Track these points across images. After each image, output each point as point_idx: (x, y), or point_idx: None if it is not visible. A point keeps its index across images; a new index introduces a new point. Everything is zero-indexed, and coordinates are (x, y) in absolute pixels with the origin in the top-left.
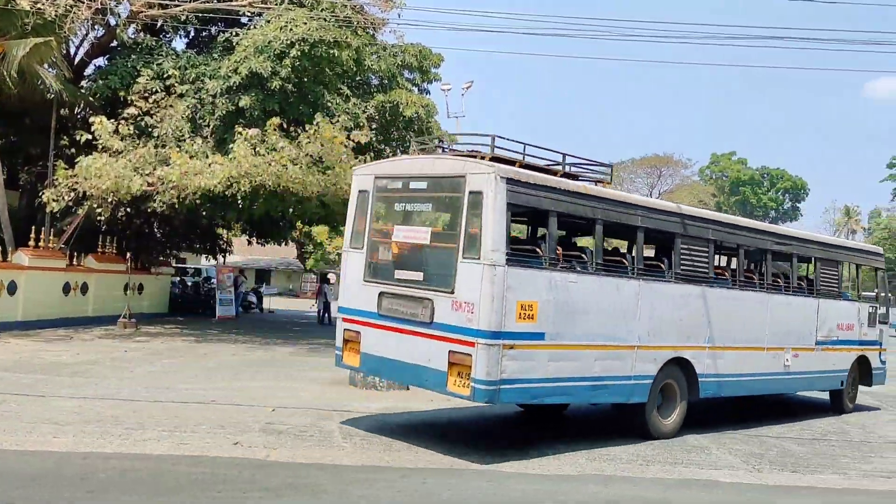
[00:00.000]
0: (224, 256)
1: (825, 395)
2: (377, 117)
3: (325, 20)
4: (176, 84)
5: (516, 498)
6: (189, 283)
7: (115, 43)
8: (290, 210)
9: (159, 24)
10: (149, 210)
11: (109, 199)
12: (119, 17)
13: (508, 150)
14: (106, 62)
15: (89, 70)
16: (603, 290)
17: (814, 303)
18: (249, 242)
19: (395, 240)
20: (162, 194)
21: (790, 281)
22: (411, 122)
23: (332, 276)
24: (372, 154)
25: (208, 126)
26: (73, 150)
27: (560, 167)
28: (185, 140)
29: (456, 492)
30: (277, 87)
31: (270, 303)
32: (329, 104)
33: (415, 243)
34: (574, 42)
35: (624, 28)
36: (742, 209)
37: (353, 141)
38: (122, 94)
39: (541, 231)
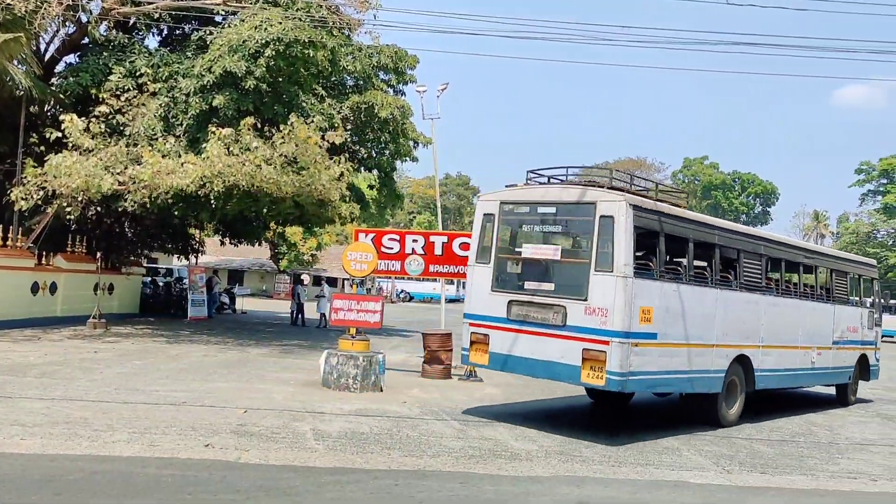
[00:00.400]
0: (196, 257)
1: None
2: (352, 118)
3: (300, 20)
4: (148, 82)
5: (489, 499)
6: (161, 284)
7: (86, 40)
8: (264, 210)
9: (132, 21)
10: (120, 209)
11: (79, 198)
12: (91, 13)
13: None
14: (77, 59)
15: (60, 67)
16: (694, 297)
17: (831, 308)
18: (222, 243)
19: (524, 256)
20: (133, 194)
21: (815, 289)
22: (386, 123)
23: (305, 277)
24: (346, 155)
25: (181, 125)
26: (42, 148)
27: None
28: (157, 139)
29: (429, 493)
30: (252, 86)
31: (243, 303)
32: (304, 104)
33: (545, 259)
34: (549, 46)
35: (597, 32)
36: (714, 213)
37: (327, 141)
38: (93, 91)
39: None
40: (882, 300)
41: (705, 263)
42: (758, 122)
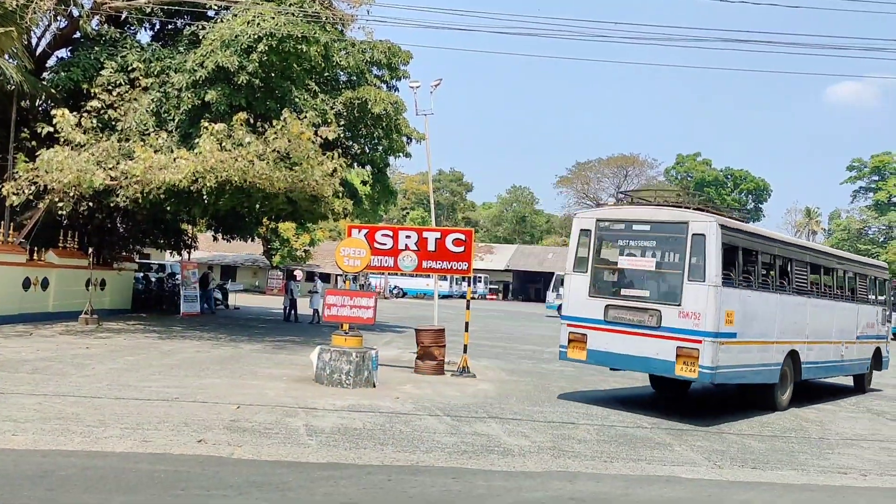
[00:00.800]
0: (189, 252)
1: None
2: (345, 113)
3: (293, 15)
4: (140, 77)
5: (481, 494)
6: (153, 280)
7: (78, 34)
8: (257, 206)
9: (124, 15)
10: (112, 205)
11: (71, 193)
12: (82, 8)
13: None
14: (69, 54)
15: (51, 62)
16: (761, 301)
17: (855, 307)
18: (215, 238)
19: (620, 266)
20: (125, 189)
21: (843, 291)
22: (379, 118)
23: (298, 273)
24: (339, 150)
25: (173, 120)
26: (34, 143)
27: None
28: (149, 134)
29: (422, 489)
30: (244, 81)
31: (236, 299)
32: (297, 100)
33: (640, 269)
34: (543, 42)
35: (591, 29)
36: None
37: (320, 137)
38: (84, 86)
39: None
40: (892, 298)
41: (767, 271)
42: (750, 118)
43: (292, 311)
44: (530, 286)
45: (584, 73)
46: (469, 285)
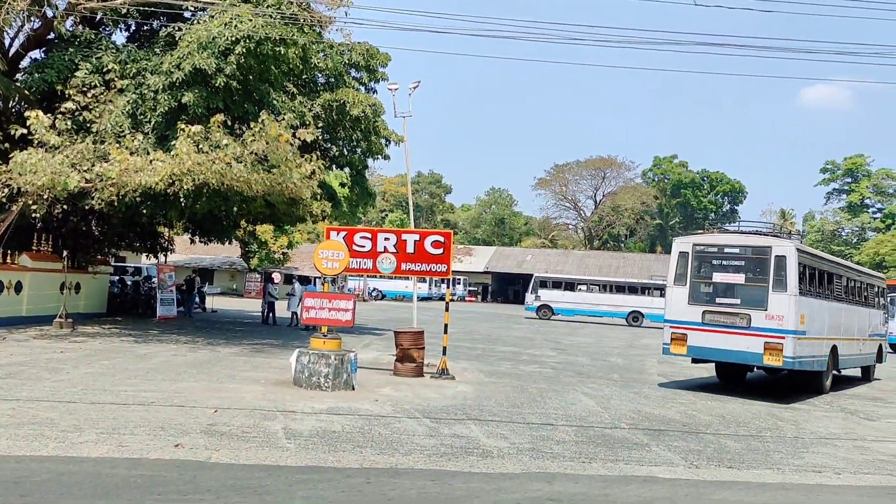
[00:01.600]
0: (165, 255)
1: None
2: (323, 116)
3: (270, 17)
4: (116, 79)
5: (460, 496)
6: (129, 283)
7: (52, 35)
8: (234, 209)
9: (98, 16)
10: (87, 207)
11: (45, 196)
12: (56, 8)
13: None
14: (42, 55)
15: (25, 63)
16: (818, 306)
17: (867, 311)
18: (192, 241)
19: (715, 280)
20: (100, 191)
21: (861, 297)
22: (358, 120)
23: (276, 276)
24: (318, 153)
25: (150, 122)
26: (6, 145)
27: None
28: (125, 136)
29: (401, 491)
30: (222, 84)
31: (213, 302)
32: (275, 102)
33: (732, 283)
34: (520, 45)
35: (568, 32)
36: (683, 211)
37: (298, 139)
38: (59, 87)
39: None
40: (889, 303)
41: (820, 283)
42: (726, 121)
43: (270, 314)
44: (509, 288)
45: (562, 75)
46: (448, 287)
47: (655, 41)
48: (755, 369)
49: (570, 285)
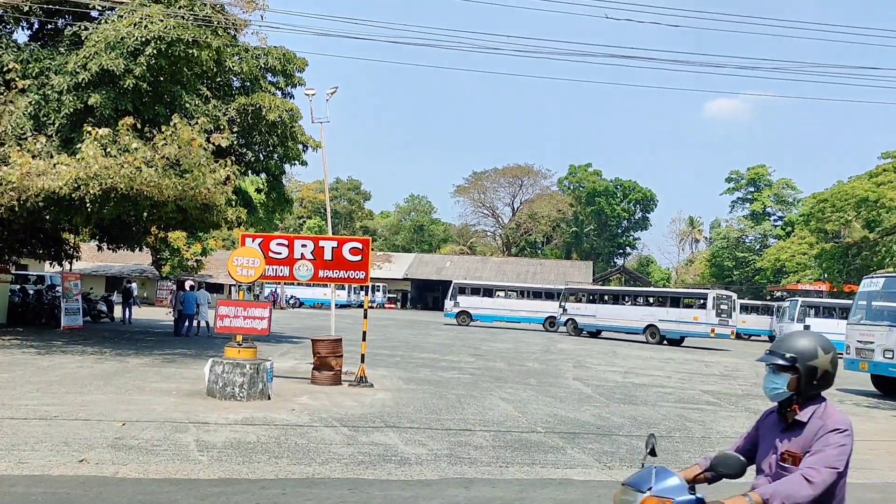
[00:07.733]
0: (70, 263)
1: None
2: (239, 120)
3: (182, 18)
4: (17, 79)
5: None
6: (31, 292)
7: None
8: (144, 214)
9: None
10: None
11: None
12: None
13: None
14: None
15: None
16: None
17: None
18: (99, 248)
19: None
20: (0, 196)
21: None
22: (274, 125)
23: (189, 284)
24: (233, 158)
25: (53, 124)
26: None
27: None
28: (26, 138)
29: (317, 501)
30: (131, 85)
31: (124, 312)
32: (187, 105)
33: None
34: (440, 52)
35: (485, 41)
36: (597, 218)
37: (213, 144)
38: None
39: None
40: None
41: None
42: (638, 131)
43: (183, 324)
44: (429, 295)
45: (480, 83)
46: (367, 294)
47: (570, 52)
48: None
49: (489, 291)
